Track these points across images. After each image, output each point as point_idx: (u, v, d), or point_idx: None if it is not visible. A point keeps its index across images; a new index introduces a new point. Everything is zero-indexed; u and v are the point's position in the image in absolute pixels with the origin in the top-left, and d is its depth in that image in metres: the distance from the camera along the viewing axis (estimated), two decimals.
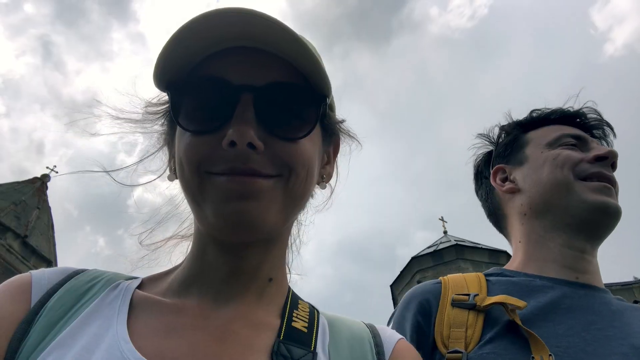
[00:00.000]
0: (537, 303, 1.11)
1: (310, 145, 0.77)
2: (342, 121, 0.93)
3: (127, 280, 0.81)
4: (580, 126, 1.40)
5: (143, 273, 0.88)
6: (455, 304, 1.15)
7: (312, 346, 0.74)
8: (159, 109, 0.85)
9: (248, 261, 0.78)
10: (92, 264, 0.86)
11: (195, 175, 0.72)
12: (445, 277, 1.29)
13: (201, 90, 0.74)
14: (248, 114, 0.70)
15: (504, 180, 1.42)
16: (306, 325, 0.78)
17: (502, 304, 1.07)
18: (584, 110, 1.44)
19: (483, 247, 17.41)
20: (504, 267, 1.36)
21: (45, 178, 20.97)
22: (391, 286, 20.14)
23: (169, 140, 0.86)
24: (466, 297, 1.15)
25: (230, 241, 0.76)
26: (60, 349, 0.64)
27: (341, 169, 0.98)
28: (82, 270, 0.81)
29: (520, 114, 1.53)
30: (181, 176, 0.76)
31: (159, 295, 0.78)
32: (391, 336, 0.83)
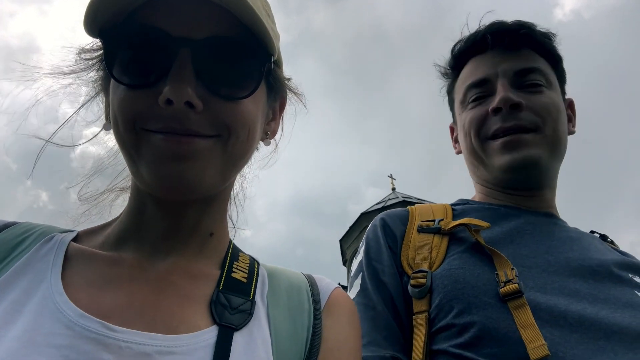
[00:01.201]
0: (502, 228, 1.14)
1: (253, 104, 0.75)
2: (289, 79, 0.91)
3: (61, 233, 0.78)
4: (500, 46, 1.27)
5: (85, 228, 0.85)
6: (421, 229, 1.16)
7: (251, 295, 0.76)
8: (94, 55, 0.80)
9: (187, 217, 0.78)
10: (36, 219, 0.82)
11: (130, 132, 0.69)
12: (413, 206, 1.30)
13: (137, 40, 0.69)
14: (186, 70, 0.66)
15: (456, 139, 1.44)
16: (246, 275, 0.80)
17: (466, 225, 1.10)
18: (493, 25, 1.29)
19: (428, 202, 18.07)
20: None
21: None
22: (340, 241, 20.63)
23: (106, 86, 0.80)
24: (432, 222, 1.17)
25: (167, 199, 0.75)
26: None
27: (291, 127, 0.96)
28: (13, 223, 0.77)
29: None
30: (116, 131, 0.72)
31: (96, 248, 0.76)
32: (327, 285, 0.86)
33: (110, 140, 0.89)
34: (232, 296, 0.74)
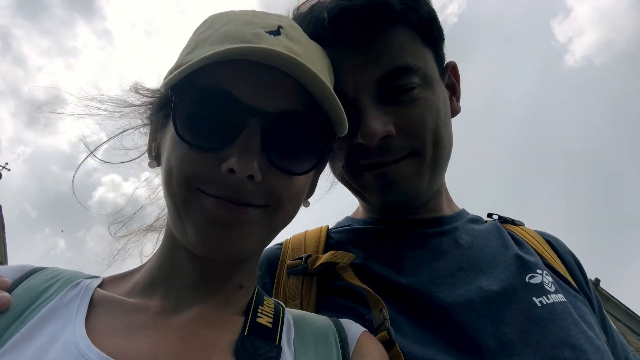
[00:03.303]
0: (377, 252, 1.02)
1: (305, 177, 0.76)
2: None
3: (87, 279, 0.78)
4: (353, 41, 0.95)
5: (116, 268, 0.87)
6: (290, 271, 1.01)
7: (277, 341, 0.73)
8: (145, 99, 0.80)
9: (220, 271, 0.78)
10: (53, 265, 0.81)
11: (184, 189, 0.69)
12: (288, 239, 1.13)
13: (207, 101, 0.69)
14: (254, 142, 0.67)
15: None
16: (271, 320, 0.78)
17: (330, 262, 0.95)
18: (335, 7, 0.92)
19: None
20: (352, 214, 1.23)
21: None
22: None
23: (158, 126, 0.79)
24: (300, 261, 1.00)
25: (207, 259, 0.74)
26: (14, 350, 0.61)
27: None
28: (41, 269, 0.78)
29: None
30: (167, 183, 0.72)
31: (123, 295, 0.76)
32: (355, 330, 0.83)
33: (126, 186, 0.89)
34: (258, 342, 0.71)
